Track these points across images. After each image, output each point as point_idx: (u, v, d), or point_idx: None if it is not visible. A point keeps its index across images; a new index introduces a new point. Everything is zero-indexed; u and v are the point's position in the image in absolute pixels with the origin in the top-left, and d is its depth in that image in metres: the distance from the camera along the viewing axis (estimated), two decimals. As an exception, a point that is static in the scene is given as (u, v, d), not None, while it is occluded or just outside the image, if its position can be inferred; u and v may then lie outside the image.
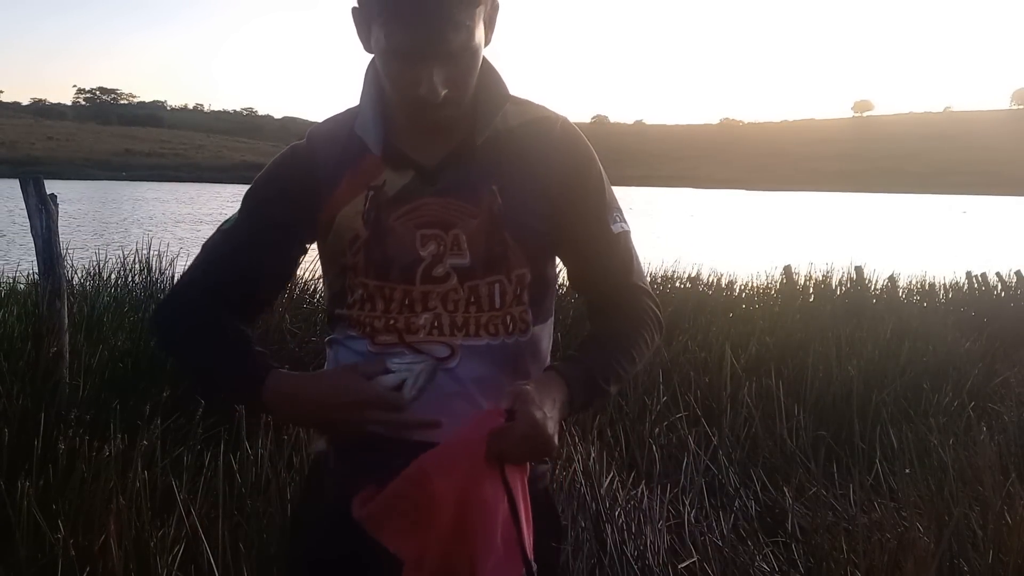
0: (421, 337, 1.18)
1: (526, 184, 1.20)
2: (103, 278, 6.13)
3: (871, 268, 8.35)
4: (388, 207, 1.18)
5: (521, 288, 1.21)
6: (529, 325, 1.23)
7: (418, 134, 1.19)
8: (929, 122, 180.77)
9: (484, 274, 1.18)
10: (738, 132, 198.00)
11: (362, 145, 1.19)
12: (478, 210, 1.18)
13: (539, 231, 1.21)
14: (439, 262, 1.17)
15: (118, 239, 13.10)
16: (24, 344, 3.59)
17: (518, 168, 1.20)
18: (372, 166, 1.19)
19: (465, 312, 1.18)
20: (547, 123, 1.24)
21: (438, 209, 1.18)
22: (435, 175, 1.18)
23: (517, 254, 1.20)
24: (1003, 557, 2.44)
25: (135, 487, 2.29)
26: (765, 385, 4.05)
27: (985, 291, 8.05)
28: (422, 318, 1.18)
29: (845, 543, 2.51)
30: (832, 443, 3.60)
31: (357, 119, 1.21)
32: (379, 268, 1.18)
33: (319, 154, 1.22)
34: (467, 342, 1.18)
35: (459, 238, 1.17)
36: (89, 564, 2.11)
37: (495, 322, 1.20)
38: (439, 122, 1.16)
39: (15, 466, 2.51)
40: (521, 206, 1.19)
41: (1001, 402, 4.38)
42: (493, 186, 1.18)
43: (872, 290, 7.98)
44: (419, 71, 1.08)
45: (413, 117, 1.16)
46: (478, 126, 1.19)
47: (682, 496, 2.96)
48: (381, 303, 1.19)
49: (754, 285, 8.05)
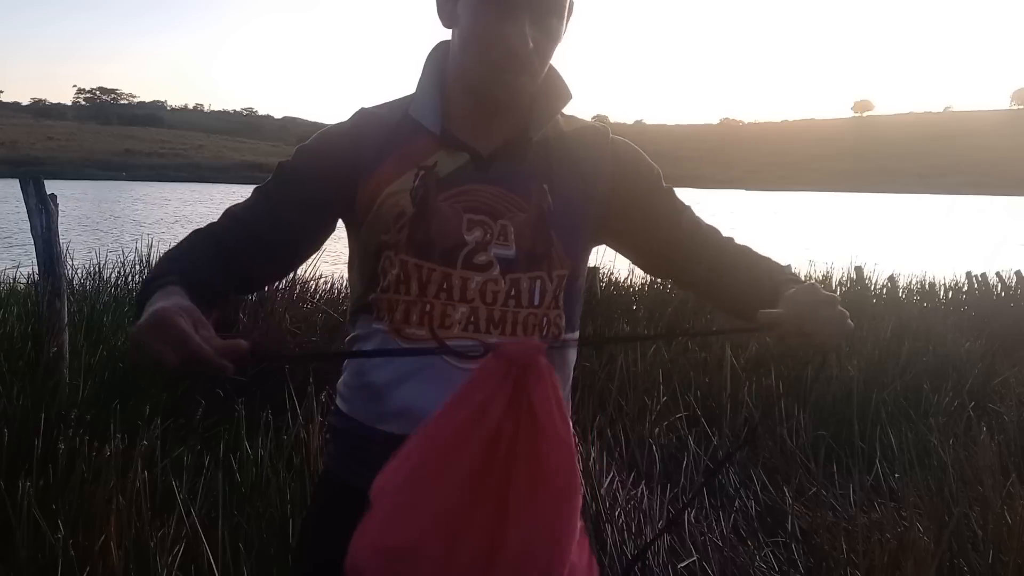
0: (455, 332, 1.15)
1: (575, 187, 1.22)
2: (103, 278, 6.14)
3: (871, 268, 8.35)
4: (437, 187, 1.17)
5: (560, 289, 1.21)
6: (562, 331, 1.23)
7: (476, 121, 1.20)
8: (929, 122, 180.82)
9: (527, 269, 1.18)
10: (738, 132, 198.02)
11: (415, 127, 1.19)
12: (527, 204, 1.18)
13: (584, 234, 1.24)
14: (483, 249, 1.16)
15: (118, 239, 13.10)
16: (24, 344, 3.59)
17: (568, 171, 1.22)
18: (424, 146, 1.19)
19: (503, 306, 1.17)
20: (598, 132, 1.28)
21: (488, 197, 1.18)
22: (488, 163, 1.19)
23: (560, 254, 1.20)
24: (1003, 557, 2.44)
25: (135, 487, 2.29)
26: (765, 385, 4.06)
27: (985, 291, 8.05)
28: (459, 311, 1.16)
29: (845, 543, 2.51)
30: (832, 443, 3.60)
31: (412, 104, 1.22)
32: (421, 247, 1.16)
33: (366, 133, 1.21)
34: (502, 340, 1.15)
35: (506, 229, 1.17)
36: (89, 564, 2.11)
37: (532, 322, 1.19)
38: (514, 90, 1.15)
39: (15, 466, 2.51)
40: (569, 208, 1.20)
41: (1001, 402, 4.38)
42: (544, 184, 1.19)
43: (872, 290, 7.98)
44: (511, 22, 1.11)
45: (490, 80, 1.15)
46: (535, 121, 1.21)
47: (682, 496, 2.96)
48: (416, 285, 1.16)
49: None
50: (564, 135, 1.25)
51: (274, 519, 2.38)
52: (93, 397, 3.34)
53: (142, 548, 2.17)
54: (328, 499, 1.28)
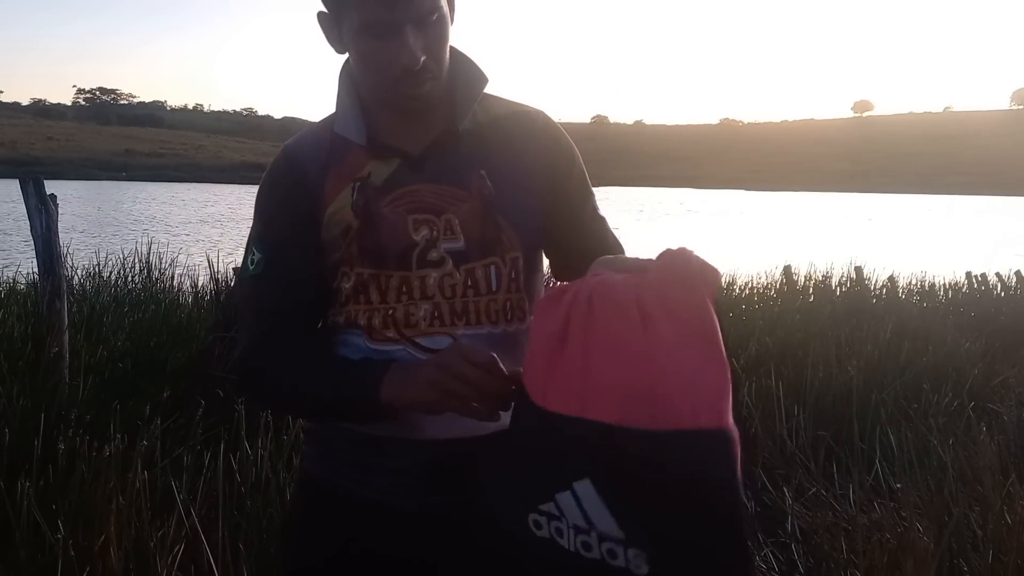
0: (422, 329, 1.17)
1: (514, 169, 1.21)
2: (103, 278, 6.14)
3: (871, 268, 8.35)
4: (376, 195, 1.17)
5: (516, 272, 1.21)
6: (526, 313, 1.23)
7: (400, 125, 1.19)
8: (929, 122, 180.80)
9: (479, 257, 1.18)
10: (738, 132, 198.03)
11: (344, 144, 1.19)
12: (468, 194, 1.18)
13: (531, 213, 1.23)
14: (433, 246, 1.17)
15: (118, 239, 13.10)
16: (24, 344, 3.59)
17: (504, 155, 1.21)
18: (356, 160, 1.19)
19: (463, 297, 1.18)
20: (530, 115, 1.27)
21: (428, 195, 1.18)
22: (421, 162, 1.18)
23: (511, 236, 1.20)
24: (1003, 557, 2.44)
25: (135, 487, 2.29)
26: (765, 385, 4.05)
27: (985, 291, 8.05)
28: (421, 309, 1.17)
29: (845, 543, 2.51)
30: (832, 443, 3.59)
31: (335, 122, 1.21)
32: (373, 256, 1.17)
33: (306, 164, 1.20)
34: (469, 331, 1.18)
35: (452, 222, 1.17)
36: (89, 564, 2.11)
37: (494, 308, 1.19)
38: (422, 98, 1.15)
39: (15, 466, 2.51)
40: (511, 190, 1.20)
41: (1001, 402, 4.38)
42: (481, 170, 1.19)
43: (872, 290, 7.98)
44: (396, 41, 1.09)
45: (397, 97, 1.15)
46: (458, 112, 1.20)
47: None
48: (376, 293, 1.17)
49: (754, 285, 8.06)
50: (496, 118, 1.24)
51: (274, 519, 2.38)
52: (93, 397, 3.34)
53: (142, 548, 2.17)
54: (312, 502, 1.27)
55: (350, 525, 1.21)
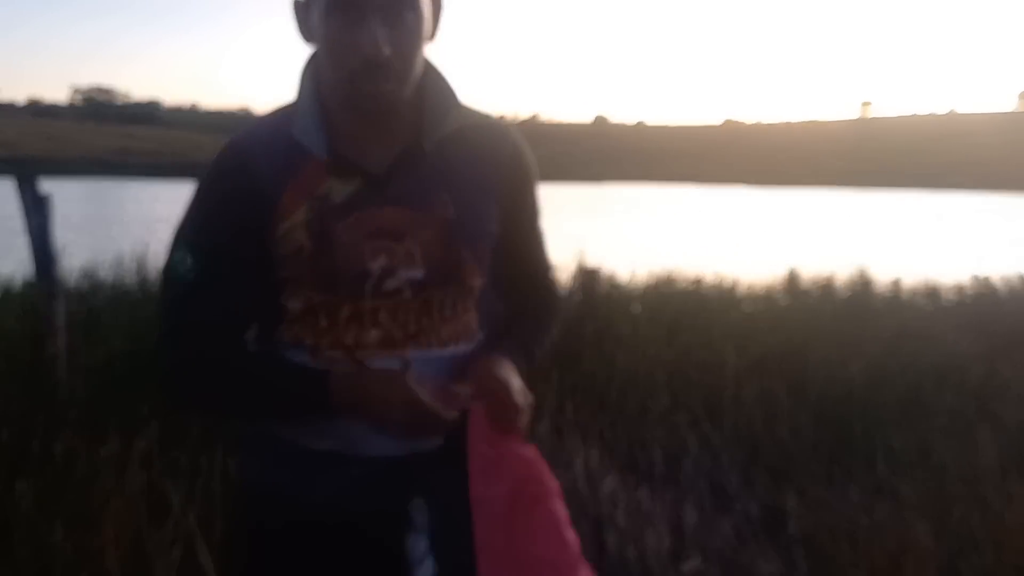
0: (370, 352, 1.13)
1: (477, 191, 1.17)
2: (100, 278, 6.12)
3: (875, 269, 8.34)
4: (334, 216, 1.10)
5: (472, 297, 1.19)
6: (476, 332, 1.22)
7: (362, 133, 1.13)
8: (933, 123, 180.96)
9: (438, 284, 1.14)
10: (741, 133, 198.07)
11: (302, 153, 1.11)
12: (430, 219, 1.13)
13: (490, 238, 1.19)
14: (391, 275, 1.12)
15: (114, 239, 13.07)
16: (21, 345, 3.58)
17: (468, 174, 1.16)
18: (315, 173, 1.11)
19: (416, 323, 1.14)
20: (495, 130, 1.22)
21: (388, 219, 1.11)
22: (384, 182, 1.12)
23: (471, 264, 1.16)
24: (1003, 557, 2.44)
25: (132, 488, 2.28)
26: (767, 386, 4.04)
27: (988, 291, 8.05)
28: (371, 334, 1.13)
29: (847, 544, 2.50)
30: (834, 444, 3.58)
31: (294, 121, 1.13)
32: (326, 281, 1.11)
33: (259, 170, 1.11)
34: (418, 353, 1.14)
35: (411, 249, 1.12)
36: (86, 565, 2.10)
37: (447, 331, 1.16)
38: (381, 98, 1.08)
39: (13, 467, 2.51)
40: (473, 215, 1.16)
41: (1002, 403, 4.37)
42: (444, 195, 1.14)
43: (875, 290, 7.97)
44: (361, 28, 1.03)
45: (355, 93, 1.08)
46: (426, 129, 1.13)
47: (684, 497, 2.95)
48: (325, 319, 1.12)
49: (757, 285, 8.05)
50: (462, 130, 1.17)
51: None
52: (90, 398, 3.33)
53: (139, 549, 2.16)
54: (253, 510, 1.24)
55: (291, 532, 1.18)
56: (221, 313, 1.13)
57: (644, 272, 7.50)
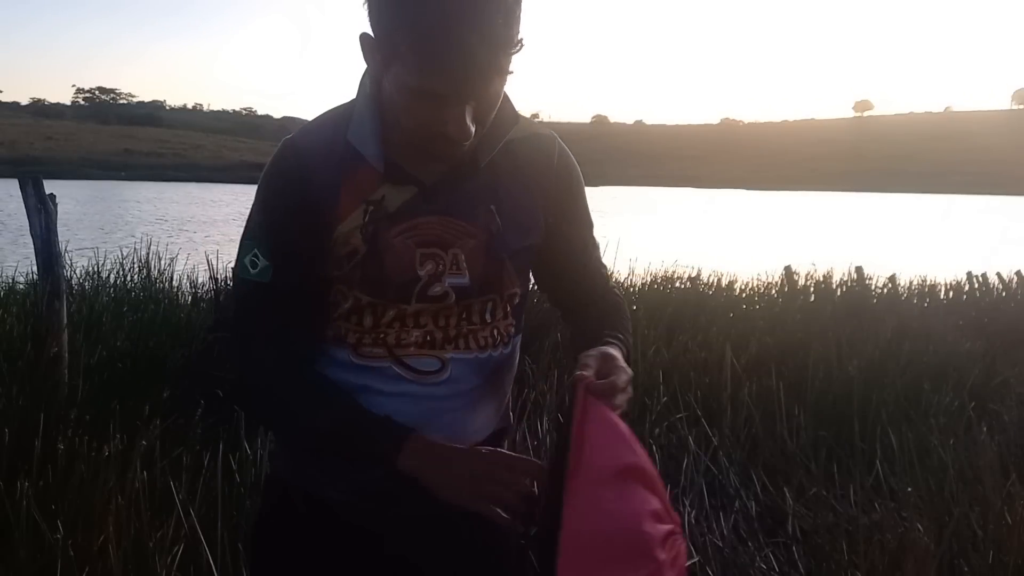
0: (411, 351, 1.17)
1: (521, 202, 1.20)
2: (102, 278, 6.14)
3: (871, 268, 8.34)
4: (387, 223, 1.14)
5: (511, 305, 1.23)
6: (511, 337, 1.25)
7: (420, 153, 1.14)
8: (930, 122, 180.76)
9: (480, 293, 1.18)
10: (739, 132, 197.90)
11: (357, 156, 1.13)
12: (476, 229, 1.16)
13: (531, 251, 1.23)
14: (437, 281, 1.15)
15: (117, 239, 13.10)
16: (24, 344, 3.59)
17: (515, 185, 1.19)
18: (369, 179, 1.14)
19: (457, 327, 1.19)
20: (543, 141, 1.24)
21: (437, 228, 1.15)
22: (435, 193, 1.15)
23: (511, 274, 1.20)
24: (1003, 557, 2.44)
25: (134, 487, 2.29)
26: (765, 385, 4.05)
27: (985, 291, 8.05)
28: (413, 334, 1.17)
29: (846, 544, 2.51)
30: (832, 443, 3.59)
31: (351, 126, 1.14)
32: (375, 285, 1.14)
33: (317, 172, 1.14)
34: (457, 355, 1.19)
35: (458, 257, 1.16)
36: (88, 564, 2.11)
37: (484, 335, 1.21)
38: (456, 157, 1.12)
39: (15, 466, 2.51)
40: (517, 226, 1.19)
41: (1001, 402, 4.38)
42: (491, 205, 1.17)
43: (873, 290, 7.98)
44: (451, 112, 1.03)
45: (426, 151, 1.10)
46: (483, 147, 1.15)
47: (682, 497, 2.96)
48: (371, 319, 1.16)
49: (755, 285, 8.05)
50: (510, 143, 1.18)
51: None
52: (92, 397, 3.33)
53: (141, 548, 2.17)
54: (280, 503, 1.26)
55: (316, 527, 1.22)
56: (295, 317, 1.16)
57: (642, 271, 7.52)
